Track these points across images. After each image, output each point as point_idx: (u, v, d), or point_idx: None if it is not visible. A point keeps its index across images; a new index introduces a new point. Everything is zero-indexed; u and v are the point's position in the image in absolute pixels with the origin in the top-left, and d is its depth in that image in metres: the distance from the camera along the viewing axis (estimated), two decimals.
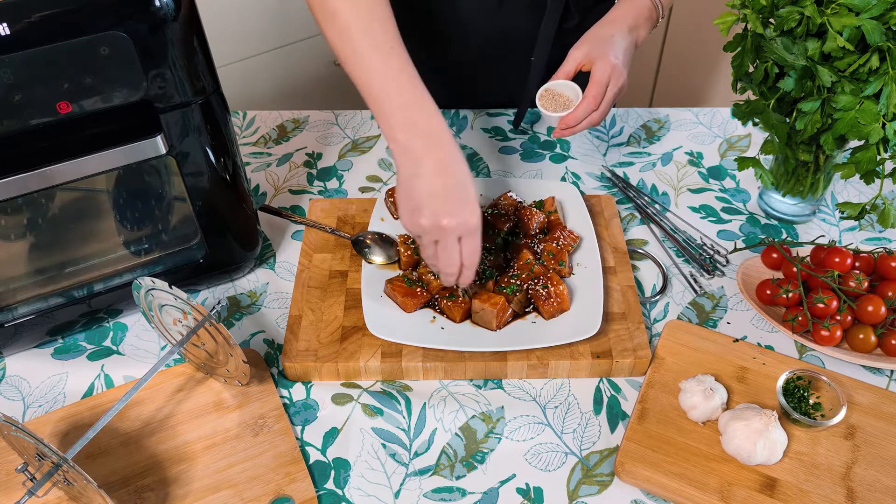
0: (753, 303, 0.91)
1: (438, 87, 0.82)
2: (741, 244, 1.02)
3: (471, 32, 1.18)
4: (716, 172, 1.14)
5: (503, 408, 0.84)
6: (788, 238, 1.03)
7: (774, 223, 1.05)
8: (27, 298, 0.86)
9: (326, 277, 0.95)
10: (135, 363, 0.89)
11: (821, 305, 0.85)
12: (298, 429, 0.82)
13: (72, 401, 0.85)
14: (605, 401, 0.84)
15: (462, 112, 1.27)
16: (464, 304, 0.87)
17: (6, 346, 0.89)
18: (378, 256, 0.95)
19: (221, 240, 0.92)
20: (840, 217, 0.99)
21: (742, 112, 0.93)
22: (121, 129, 0.77)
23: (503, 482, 0.77)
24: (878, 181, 0.88)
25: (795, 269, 0.89)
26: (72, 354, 0.90)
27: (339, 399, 0.85)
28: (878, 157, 0.84)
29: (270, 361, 0.89)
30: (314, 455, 0.80)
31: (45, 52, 0.68)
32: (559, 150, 1.19)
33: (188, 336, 0.78)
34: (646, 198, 1.09)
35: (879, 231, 1.05)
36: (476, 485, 0.77)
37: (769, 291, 0.90)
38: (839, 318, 0.86)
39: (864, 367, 0.87)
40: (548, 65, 1.10)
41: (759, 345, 0.89)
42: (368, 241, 0.97)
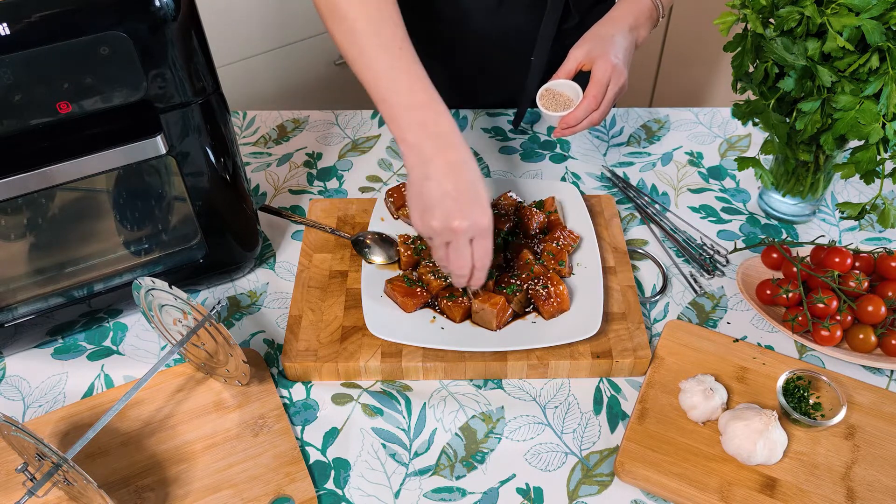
0: (753, 303, 0.91)
1: (438, 87, 0.82)
2: (741, 244, 1.02)
3: (471, 32, 1.17)
4: (716, 172, 1.14)
5: (503, 408, 0.84)
6: (788, 238, 1.03)
7: (774, 223, 1.05)
8: (27, 298, 0.86)
9: (326, 277, 0.95)
10: (135, 363, 0.89)
11: (821, 305, 0.85)
12: (298, 429, 0.82)
13: (72, 401, 0.85)
14: (605, 401, 0.84)
15: (462, 112, 1.26)
16: (464, 304, 0.87)
17: (6, 346, 0.89)
18: (378, 256, 0.95)
19: (221, 240, 0.92)
20: (840, 217, 0.99)
21: (742, 112, 0.93)
22: (121, 129, 0.77)
23: (503, 482, 0.77)
24: (878, 181, 0.88)
25: (795, 269, 0.89)
26: (72, 354, 0.90)
27: (339, 399, 0.85)
28: (878, 157, 0.84)
29: (270, 361, 0.89)
30: (314, 455, 0.80)
31: (46, 52, 0.68)
32: (559, 150, 1.19)
33: (188, 336, 0.78)
34: (646, 198, 1.09)
35: (879, 231, 1.05)
36: (476, 485, 0.77)
37: (769, 291, 0.90)
38: (839, 318, 0.86)
39: (864, 367, 0.87)
40: (548, 64, 1.10)
41: (759, 345, 0.89)
42: (368, 241, 0.97)
